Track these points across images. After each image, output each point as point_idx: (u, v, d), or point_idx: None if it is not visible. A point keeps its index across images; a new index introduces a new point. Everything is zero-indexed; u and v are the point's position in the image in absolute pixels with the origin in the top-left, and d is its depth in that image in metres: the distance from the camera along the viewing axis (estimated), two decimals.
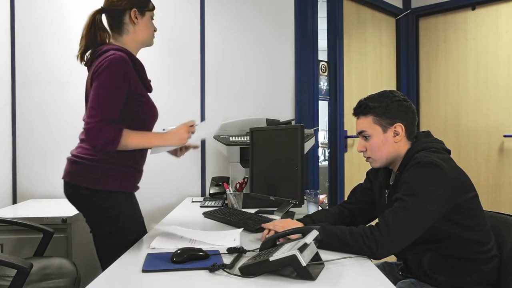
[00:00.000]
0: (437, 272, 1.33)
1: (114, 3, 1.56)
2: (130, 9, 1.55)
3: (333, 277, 1.04)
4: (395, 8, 3.47)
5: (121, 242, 1.44)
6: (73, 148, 1.64)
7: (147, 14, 1.60)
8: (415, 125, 1.45)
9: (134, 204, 1.62)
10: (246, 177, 2.15)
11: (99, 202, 1.50)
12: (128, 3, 1.55)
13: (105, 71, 1.42)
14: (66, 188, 1.57)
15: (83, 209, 1.57)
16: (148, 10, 1.61)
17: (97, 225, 1.53)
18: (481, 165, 3.22)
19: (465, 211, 1.30)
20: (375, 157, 1.44)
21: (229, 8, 2.76)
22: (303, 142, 1.80)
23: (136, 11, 1.56)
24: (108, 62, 1.42)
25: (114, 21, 1.57)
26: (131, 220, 1.57)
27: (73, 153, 1.59)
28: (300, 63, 2.76)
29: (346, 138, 3.09)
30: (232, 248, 1.25)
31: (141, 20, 1.58)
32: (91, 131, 1.40)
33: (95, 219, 1.53)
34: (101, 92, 1.42)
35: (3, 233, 2.08)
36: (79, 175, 1.52)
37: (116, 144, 1.40)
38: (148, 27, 1.62)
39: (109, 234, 1.50)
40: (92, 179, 1.49)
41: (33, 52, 2.71)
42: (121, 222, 1.51)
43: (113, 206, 1.50)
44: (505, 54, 3.13)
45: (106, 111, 1.41)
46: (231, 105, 2.72)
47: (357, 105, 1.48)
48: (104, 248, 1.53)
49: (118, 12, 1.56)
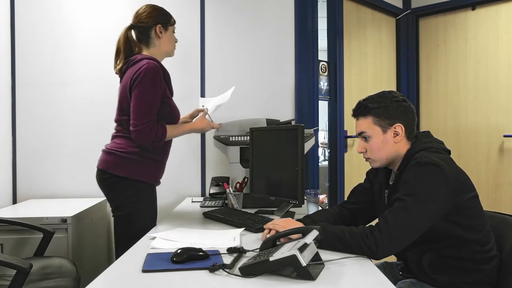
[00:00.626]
0: (437, 272, 1.33)
1: (142, 20, 1.82)
2: (156, 25, 1.81)
3: (333, 277, 1.04)
4: (395, 8, 3.47)
5: (136, 226, 1.68)
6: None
7: (169, 28, 1.86)
8: (415, 125, 1.45)
9: (153, 196, 1.84)
10: (246, 177, 2.15)
11: (124, 189, 1.73)
12: (154, 20, 1.81)
13: (144, 78, 1.66)
14: (98, 174, 1.80)
15: (109, 193, 1.79)
16: (170, 25, 1.86)
17: (118, 208, 1.76)
18: (481, 165, 3.22)
19: (465, 211, 1.30)
20: (375, 158, 1.44)
21: (229, 8, 2.76)
22: (303, 142, 1.80)
23: (161, 27, 1.82)
24: (145, 70, 1.66)
25: (142, 36, 1.83)
26: (148, 208, 1.79)
27: (107, 147, 1.82)
28: (300, 63, 2.76)
29: (346, 138, 3.10)
30: (232, 248, 1.25)
31: (165, 34, 1.84)
32: (142, 132, 1.66)
33: (118, 203, 1.76)
34: (144, 97, 1.67)
35: (3, 233, 2.09)
36: (111, 164, 1.75)
37: (164, 139, 1.72)
38: (171, 40, 1.88)
39: (127, 216, 1.73)
40: (121, 168, 1.72)
41: (33, 52, 2.71)
42: (139, 209, 1.74)
43: (135, 194, 1.73)
44: (505, 54, 3.13)
45: (150, 113, 1.68)
46: (231, 105, 2.72)
47: (356, 106, 1.48)
48: (120, 230, 1.76)
49: (145, 28, 1.81)
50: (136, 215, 1.73)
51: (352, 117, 1.50)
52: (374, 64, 3.38)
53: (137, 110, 1.67)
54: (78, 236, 2.19)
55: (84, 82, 2.72)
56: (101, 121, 2.71)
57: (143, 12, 1.82)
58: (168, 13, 1.88)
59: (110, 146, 1.80)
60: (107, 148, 1.81)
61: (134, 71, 1.69)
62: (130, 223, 1.73)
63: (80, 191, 2.70)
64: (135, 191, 1.74)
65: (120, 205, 1.75)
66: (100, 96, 2.71)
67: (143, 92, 1.67)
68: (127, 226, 1.73)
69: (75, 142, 2.71)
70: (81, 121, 2.71)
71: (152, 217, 1.82)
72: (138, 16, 1.83)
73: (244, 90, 2.74)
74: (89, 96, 2.72)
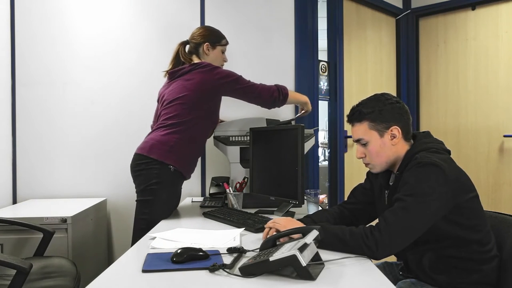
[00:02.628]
0: (438, 272, 1.33)
1: (194, 37, 2.10)
2: (204, 43, 2.08)
3: (333, 277, 1.04)
4: (395, 8, 3.47)
5: (154, 213, 1.83)
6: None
7: (218, 47, 2.12)
8: (410, 125, 1.45)
9: (178, 188, 2.00)
10: (246, 177, 2.15)
11: (152, 171, 1.86)
12: (203, 38, 2.08)
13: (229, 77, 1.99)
14: (133, 159, 1.94)
15: (136, 176, 1.92)
16: (219, 45, 2.12)
17: (141, 193, 1.89)
18: (481, 165, 3.22)
19: (465, 211, 1.30)
20: (375, 163, 1.44)
21: (229, 8, 2.75)
22: (303, 142, 1.80)
23: (209, 45, 2.08)
24: (214, 67, 1.97)
25: (194, 50, 2.11)
26: (169, 197, 1.93)
27: (147, 137, 1.99)
28: (300, 63, 2.76)
29: (346, 138, 3.09)
30: (232, 248, 1.25)
31: (212, 52, 2.10)
32: (264, 91, 2.05)
33: (142, 187, 1.88)
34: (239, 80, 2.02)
35: (3, 233, 2.08)
36: (147, 149, 1.90)
37: (286, 92, 2.10)
38: (218, 58, 2.13)
39: (147, 202, 1.86)
40: (157, 153, 1.87)
41: (33, 52, 2.70)
42: (157, 194, 1.86)
43: (162, 181, 1.86)
44: (505, 54, 3.13)
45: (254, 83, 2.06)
46: (231, 105, 2.72)
47: (350, 113, 1.47)
48: (139, 215, 1.88)
49: (195, 44, 2.10)
50: (155, 204, 1.89)
51: (347, 123, 1.50)
52: (374, 64, 3.38)
53: (248, 85, 2.01)
54: (78, 236, 2.19)
55: (84, 82, 2.72)
56: (101, 121, 2.72)
57: (197, 32, 2.12)
58: (220, 35, 2.14)
59: (149, 137, 1.98)
60: (148, 139, 1.97)
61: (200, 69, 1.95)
62: (147, 209, 1.89)
63: (80, 191, 2.70)
64: (162, 178, 1.88)
65: (143, 190, 1.90)
66: (100, 96, 2.71)
67: (239, 84, 1.99)
68: (144, 212, 1.89)
69: (75, 142, 2.71)
70: (81, 121, 2.71)
71: (171, 207, 1.98)
72: (192, 34, 2.12)
73: None
74: (89, 96, 2.72)
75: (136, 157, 1.93)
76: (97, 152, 2.71)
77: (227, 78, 1.96)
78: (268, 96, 2.05)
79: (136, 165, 1.91)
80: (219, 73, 1.96)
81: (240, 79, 2.01)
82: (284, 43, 2.76)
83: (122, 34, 2.71)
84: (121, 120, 2.71)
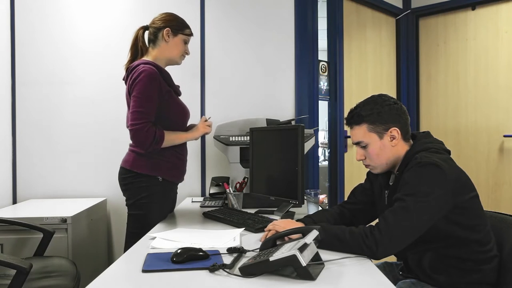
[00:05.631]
0: (438, 272, 1.33)
1: (155, 22, 1.89)
2: (164, 28, 1.85)
3: (333, 277, 1.04)
4: (395, 8, 3.47)
5: (147, 226, 1.67)
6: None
7: (179, 36, 1.89)
8: (409, 125, 1.45)
9: (171, 195, 1.93)
10: (246, 177, 2.15)
11: (140, 185, 1.78)
12: (164, 23, 1.87)
13: (139, 82, 1.70)
14: (119, 172, 1.85)
15: (125, 190, 1.83)
16: (182, 33, 1.89)
17: (132, 206, 1.81)
18: (481, 165, 3.22)
19: (465, 211, 1.30)
20: (375, 164, 1.44)
21: (229, 8, 2.76)
22: (303, 142, 1.80)
23: (169, 31, 1.86)
24: (138, 74, 1.71)
25: (152, 36, 1.89)
26: (162, 208, 1.85)
27: (130, 146, 1.87)
28: (300, 63, 2.76)
29: (346, 138, 3.09)
30: (232, 248, 1.25)
31: (172, 39, 1.87)
32: (140, 131, 1.67)
33: (131, 201, 1.80)
34: (140, 99, 1.69)
35: (3, 233, 2.09)
36: (130, 162, 1.81)
37: (161, 142, 1.72)
38: (177, 47, 1.89)
39: (139, 216, 1.78)
40: (141, 166, 1.78)
41: (33, 52, 2.71)
42: (149, 208, 1.78)
43: (152, 193, 1.78)
44: (505, 54, 3.13)
45: (147, 114, 1.69)
46: (231, 105, 2.72)
47: (349, 115, 1.47)
48: (131, 229, 1.80)
49: (155, 29, 1.87)
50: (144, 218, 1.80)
51: (346, 126, 1.50)
52: (374, 64, 3.38)
53: (134, 111, 1.68)
54: (78, 236, 2.19)
55: (84, 82, 2.72)
56: (101, 121, 2.72)
57: (158, 16, 1.91)
58: (184, 23, 1.92)
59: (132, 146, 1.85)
60: (130, 146, 1.86)
61: (132, 77, 1.74)
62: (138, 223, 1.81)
63: (80, 191, 2.70)
64: (148, 192, 1.79)
65: (132, 204, 1.82)
66: (100, 95, 2.71)
67: (139, 94, 1.69)
68: (134, 226, 1.82)
69: (75, 142, 2.72)
70: (81, 121, 2.71)
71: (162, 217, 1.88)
72: (154, 19, 1.91)
73: (244, 90, 2.75)
74: (89, 96, 2.72)
75: (121, 171, 1.83)
76: (97, 152, 2.72)
77: (136, 79, 1.71)
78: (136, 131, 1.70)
79: (123, 179, 1.82)
80: (136, 71, 1.73)
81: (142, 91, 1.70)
82: (284, 43, 2.76)
83: (122, 34, 2.71)
84: (121, 120, 2.69)
